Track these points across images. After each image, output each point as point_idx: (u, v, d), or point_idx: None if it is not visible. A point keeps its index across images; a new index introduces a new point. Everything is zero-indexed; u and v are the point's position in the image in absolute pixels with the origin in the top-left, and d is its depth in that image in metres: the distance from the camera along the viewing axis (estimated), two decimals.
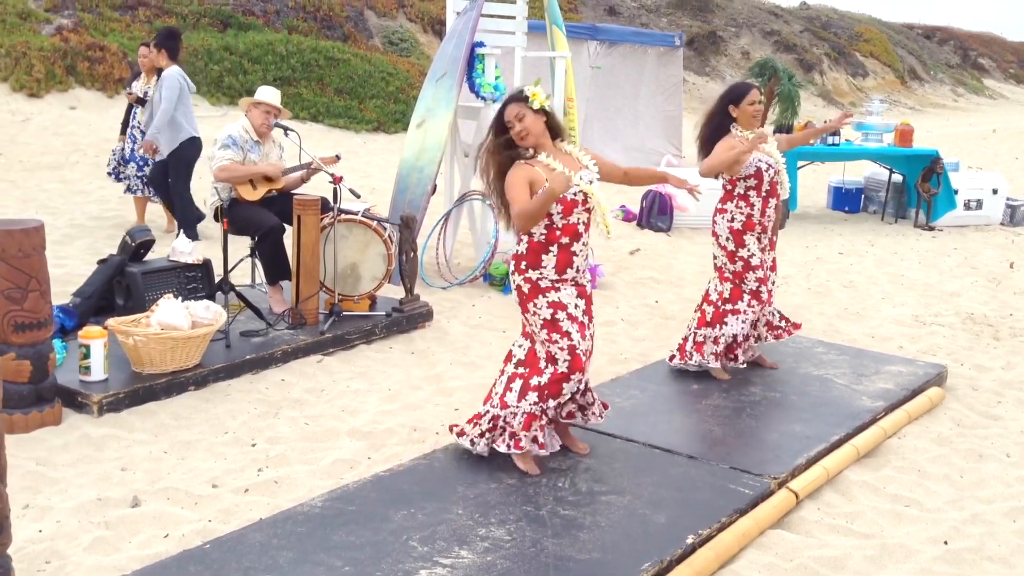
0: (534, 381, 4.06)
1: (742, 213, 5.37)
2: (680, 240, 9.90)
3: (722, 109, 5.36)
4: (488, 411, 4.21)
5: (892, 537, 3.89)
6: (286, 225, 6.17)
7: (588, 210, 4.09)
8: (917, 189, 11.33)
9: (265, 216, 6.06)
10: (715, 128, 5.37)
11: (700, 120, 5.54)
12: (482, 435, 4.20)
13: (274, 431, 4.67)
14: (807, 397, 5.20)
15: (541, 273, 4.05)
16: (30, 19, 16.66)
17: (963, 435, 5.00)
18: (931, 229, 11.25)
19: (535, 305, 4.05)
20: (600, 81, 14.44)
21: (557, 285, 4.06)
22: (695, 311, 5.60)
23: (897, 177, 11.78)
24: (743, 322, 5.40)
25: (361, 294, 6.31)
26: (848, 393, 5.28)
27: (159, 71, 8.50)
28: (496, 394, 4.21)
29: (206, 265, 6.17)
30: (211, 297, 5.93)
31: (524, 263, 4.07)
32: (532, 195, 3.95)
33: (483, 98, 7.59)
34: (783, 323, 5.71)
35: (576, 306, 4.08)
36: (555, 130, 4.13)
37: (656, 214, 10.38)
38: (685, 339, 5.56)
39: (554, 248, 4.03)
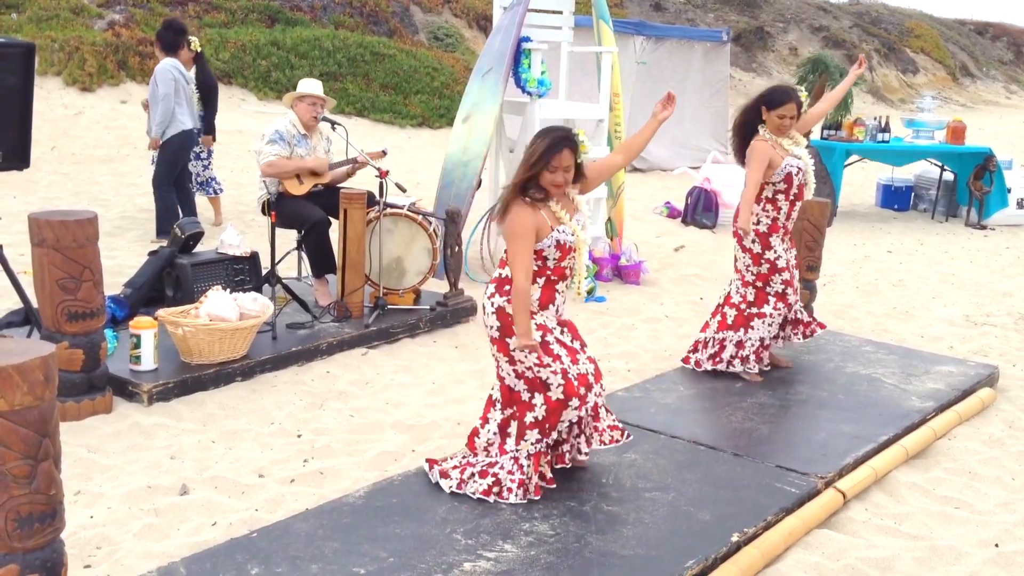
0: (528, 418, 3.81)
1: (768, 216, 5.26)
2: (725, 237, 9.81)
3: (756, 107, 5.26)
4: (485, 459, 3.89)
5: (942, 539, 3.83)
6: (332, 219, 6.21)
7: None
8: (969, 187, 11.14)
9: (311, 210, 6.11)
10: (747, 123, 5.28)
11: (737, 112, 5.44)
12: (473, 477, 3.86)
13: (319, 422, 4.71)
14: (855, 396, 5.14)
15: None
16: (83, 14, 16.94)
17: (1015, 437, 4.92)
18: (983, 228, 11.06)
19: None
20: (646, 77, 14.35)
21: (539, 312, 3.82)
22: (712, 314, 5.51)
23: (948, 175, 11.59)
24: (769, 325, 5.32)
25: (406, 288, 6.34)
26: (897, 393, 5.21)
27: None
28: (492, 444, 3.91)
29: (254, 258, 6.24)
30: (258, 289, 5.99)
31: (509, 286, 3.75)
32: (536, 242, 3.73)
33: (529, 93, 7.58)
34: (810, 320, 5.57)
35: (562, 331, 3.87)
36: (577, 173, 3.88)
37: (701, 211, 10.31)
38: (701, 342, 5.48)
39: (541, 280, 3.80)
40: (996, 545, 3.79)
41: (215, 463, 4.23)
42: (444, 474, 3.90)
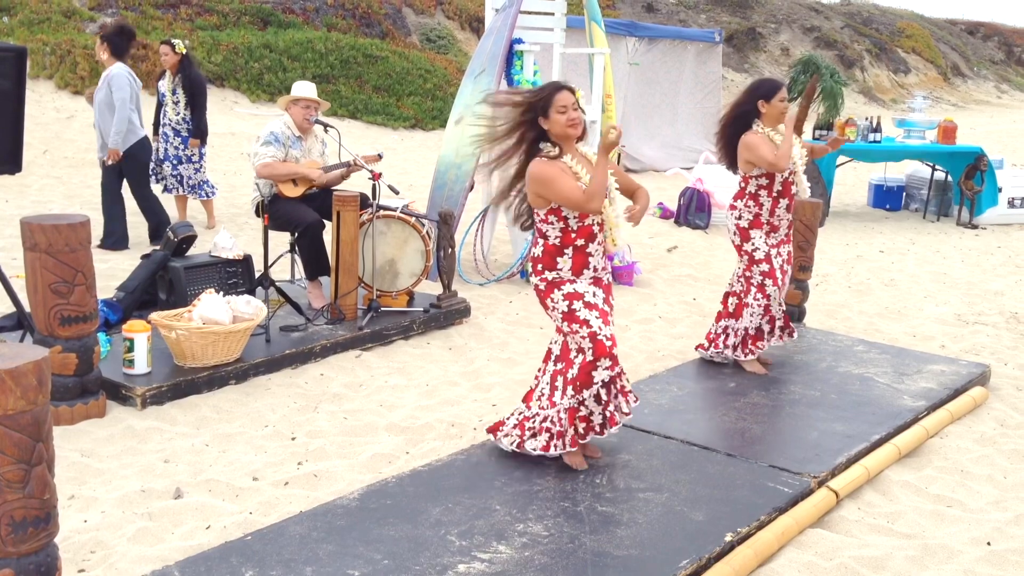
0: (569, 374, 4.03)
1: (750, 212, 5.37)
2: (718, 237, 9.84)
3: (751, 103, 5.26)
4: (537, 412, 4.16)
5: (934, 537, 3.85)
6: (326, 221, 6.21)
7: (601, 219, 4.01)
8: (960, 187, 11.18)
9: (304, 212, 6.11)
10: (739, 120, 5.29)
11: (723, 111, 5.47)
12: (534, 435, 4.14)
13: (313, 425, 4.71)
14: (848, 396, 5.15)
15: (558, 274, 3.98)
16: (74, 17, 16.92)
17: (1007, 435, 4.94)
18: (974, 227, 11.10)
19: (552, 300, 3.98)
20: (638, 78, 14.38)
21: (573, 279, 4.00)
22: (721, 302, 5.65)
23: (940, 175, 11.63)
24: (751, 315, 5.43)
25: (399, 290, 6.35)
26: (889, 392, 5.23)
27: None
28: (543, 395, 4.16)
29: (247, 261, 6.24)
30: (251, 292, 5.99)
31: (540, 265, 4.01)
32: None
33: None
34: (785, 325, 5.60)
35: (594, 294, 3.99)
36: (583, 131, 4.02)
37: (694, 211, 10.33)
38: (714, 334, 5.64)
39: (569, 251, 3.96)
40: (988, 543, 3.81)
41: (209, 466, 4.22)
42: (506, 434, 4.19)
